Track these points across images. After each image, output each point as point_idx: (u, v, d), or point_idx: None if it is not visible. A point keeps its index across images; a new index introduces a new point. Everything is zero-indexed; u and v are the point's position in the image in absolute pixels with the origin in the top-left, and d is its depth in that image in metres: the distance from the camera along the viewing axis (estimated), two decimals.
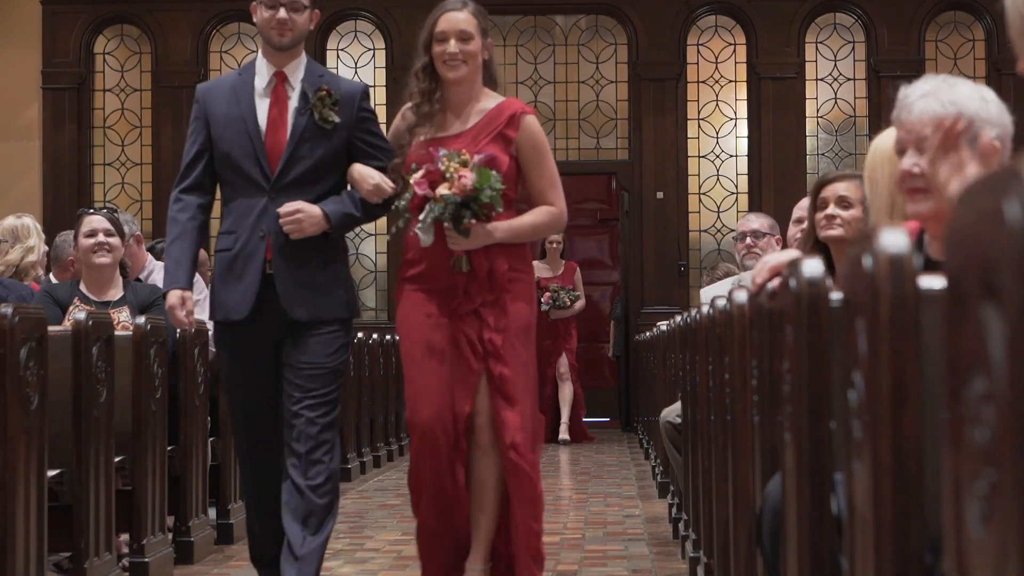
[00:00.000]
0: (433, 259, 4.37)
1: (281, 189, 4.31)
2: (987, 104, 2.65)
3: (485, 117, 4.43)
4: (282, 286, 4.30)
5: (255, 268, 4.30)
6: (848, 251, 1.83)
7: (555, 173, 4.50)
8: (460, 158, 4.25)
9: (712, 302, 3.84)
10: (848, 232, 3.87)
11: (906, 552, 1.60)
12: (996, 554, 1.09)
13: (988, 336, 1.10)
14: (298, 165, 4.33)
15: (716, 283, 6.47)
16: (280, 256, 4.30)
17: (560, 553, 5.73)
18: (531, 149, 4.44)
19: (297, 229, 4.27)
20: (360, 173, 4.36)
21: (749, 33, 13.56)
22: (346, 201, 4.37)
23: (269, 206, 4.31)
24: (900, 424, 1.60)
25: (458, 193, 4.19)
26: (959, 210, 1.17)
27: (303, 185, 4.32)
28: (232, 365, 4.43)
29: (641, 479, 8.91)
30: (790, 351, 2.25)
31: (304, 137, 4.33)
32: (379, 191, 4.33)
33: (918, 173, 2.66)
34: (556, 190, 4.48)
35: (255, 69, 4.45)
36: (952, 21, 13.57)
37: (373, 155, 4.41)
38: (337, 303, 4.38)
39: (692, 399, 4.89)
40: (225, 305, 4.36)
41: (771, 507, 2.55)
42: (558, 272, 12.41)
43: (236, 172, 4.36)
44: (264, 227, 4.31)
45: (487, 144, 4.37)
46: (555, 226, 4.53)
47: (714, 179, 13.66)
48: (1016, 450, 1.04)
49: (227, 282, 4.35)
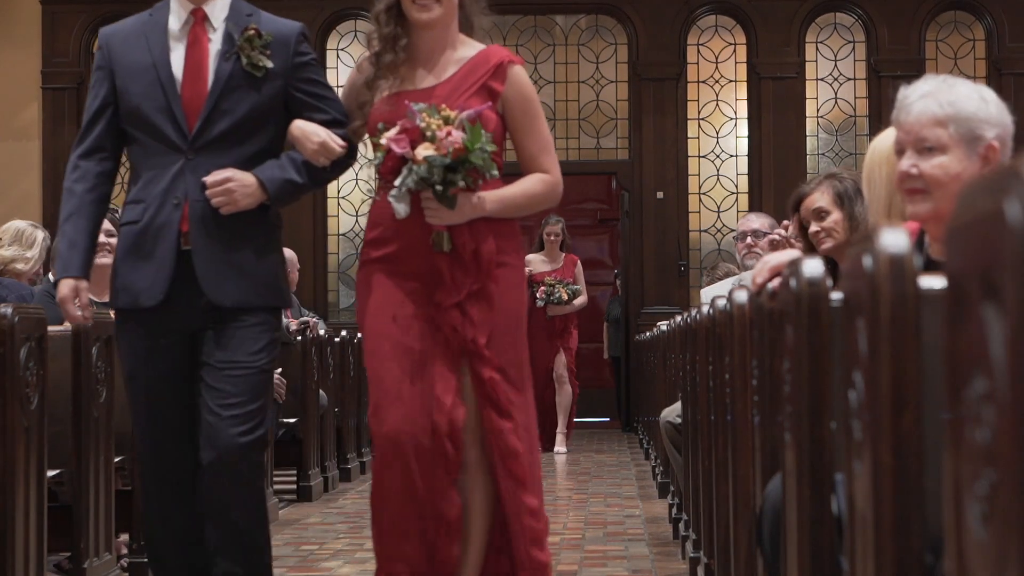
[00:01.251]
0: (408, 237, 3.67)
1: (201, 149, 3.62)
2: (986, 104, 2.65)
3: (464, 67, 3.72)
4: (202, 264, 3.61)
5: (168, 243, 3.60)
6: (848, 251, 1.83)
7: (548, 135, 3.84)
8: (441, 114, 3.55)
9: (712, 302, 3.84)
10: (838, 237, 4.00)
11: (906, 552, 1.60)
12: (997, 554, 1.09)
13: (988, 336, 1.10)
14: (222, 120, 3.63)
15: (716, 283, 6.47)
16: (199, 228, 3.60)
17: (560, 553, 5.73)
18: (520, 106, 3.75)
19: (228, 201, 3.58)
20: (302, 130, 3.64)
21: (749, 33, 13.56)
22: (286, 165, 3.67)
23: (186, 169, 3.61)
24: (900, 424, 1.60)
25: (446, 154, 3.52)
26: (959, 210, 1.17)
27: (228, 145, 3.63)
28: (136, 363, 3.69)
29: (641, 479, 8.91)
30: (790, 351, 2.25)
31: (229, 86, 3.63)
32: (326, 150, 3.62)
33: (916, 174, 2.67)
34: (550, 155, 3.82)
35: (169, 7, 3.73)
36: (952, 21, 13.57)
37: (317, 107, 3.70)
38: (268, 288, 3.69)
39: (692, 399, 4.89)
40: (132, 289, 3.65)
41: (771, 507, 2.55)
42: (557, 265, 11.38)
43: (146, 130, 3.65)
44: (179, 193, 3.60)
45: (468, 100, 3.67)
46: (551, 197, 3.82)
47: (714, 179, 13.66)
48: (1016, 450, 1.04)
49: (134, 262, 3.64)
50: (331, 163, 3.66)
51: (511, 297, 3.76)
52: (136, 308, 3.65)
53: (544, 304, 11.05)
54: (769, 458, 2.65)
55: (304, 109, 3.69)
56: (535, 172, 3.78)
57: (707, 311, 4.06)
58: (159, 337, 3.66)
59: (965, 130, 2.62)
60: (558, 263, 11.37)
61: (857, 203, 4.00)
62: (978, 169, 2.60)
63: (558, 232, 11.41)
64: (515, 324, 3.77)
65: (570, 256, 11.50)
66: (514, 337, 3.76)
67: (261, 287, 3.67)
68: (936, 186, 2.65)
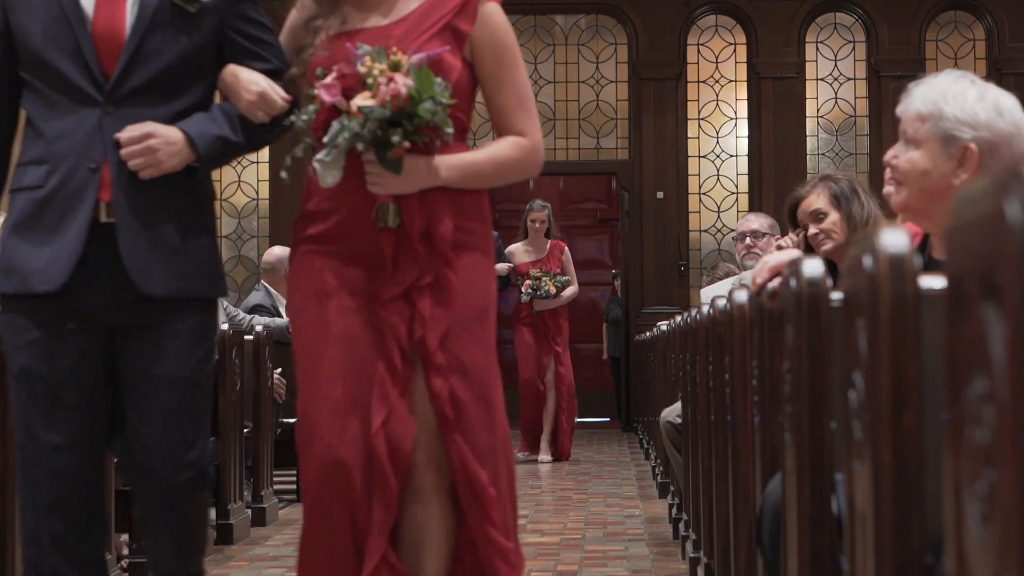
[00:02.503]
0: (347, 210, 2.98)
1: (122, 101, 2.92)
2: (979, 107, 2.63)
3: (425, 4, 3.04)
4: (127, 242, 2.90)
5: (81, 215, 2.89)
6: (848, 251, 1.83)
7: (527, 89, 3.13)
8: (391, 58, 2.89)
9: (712, 302, 3.84)
10: (837, 238, 4.01)
11: (906, 552, 1.60)
12: (997, 554, 1.09)
13: (988, 336, 1.10)
14: (146, 65, 2.93)
15: (716, 283, 6.48)
16: (125, 197, 2.90)
17: (560, 553, 5.73)
18: (493, 51, 3.07)
19: (150, 162, 2.89)
20: (236, 76, 2.98)
21: (749, 33, 13.56)
22: (219, 118, 2.97)
23: (104, 125, 2.91)
24: (900, 424, 1.60)
25: (385, 105, 2.83)
26: (959, 210, 1.17)
27: (157, 97, 2.95)
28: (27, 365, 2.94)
29: (641, 479, 8.91)
30: (790, 351, 2.25)
31: (155, 24, 2.94)
32: (266, 103, 2.95)
33: (894, 164, 2.71)
34: (528, 114, 3.08)
35: None
36: (952, 21, 13.57)
37: (256, 53, 3.02)
38: (205, 275, 3.01)
39: (692, 399, 4.89)
40: (23, 269, 2.91)
41: (771, 507, 2.55)
42: (542, 255, 10.16)
43: (50, 78, 2.95)
44: (96, 154, 2.90)
45: (427, 43, 2.98)
46: (526, 166, 3.08)
47: (714, 179, 13.66)
48: (1016, 450, 1.04)
49: (30, 236, 2.92)
50: (271, 120, 2.98)
51: (475, 288, 3.01)
52: (26, 294, 2.92)
53: (530, 299, 9.97)
54: (769, 458, 2.65)
55: (240, 55, 3.01)
56: (509, 134, 3.06)
57: (707, 311, 4.06)
58: (59, 335, 2.94)
59: (940, 129, 2.64)
60: (543, 253, 10.21)
61: (854, 203, 4.01)
62: (951, 170, 2.63)
63: (544, 219, 10.21)
64: (479, 321, 3.01)
65: (556, 243, 10.33)
66: (479, 337, 3.00)
67: (197, 273, 2.99)
68: (905, 179, 2.69)
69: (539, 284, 9.89)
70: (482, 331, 3.02)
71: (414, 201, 2.95)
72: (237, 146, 3.01)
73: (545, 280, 9.90)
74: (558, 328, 10.12)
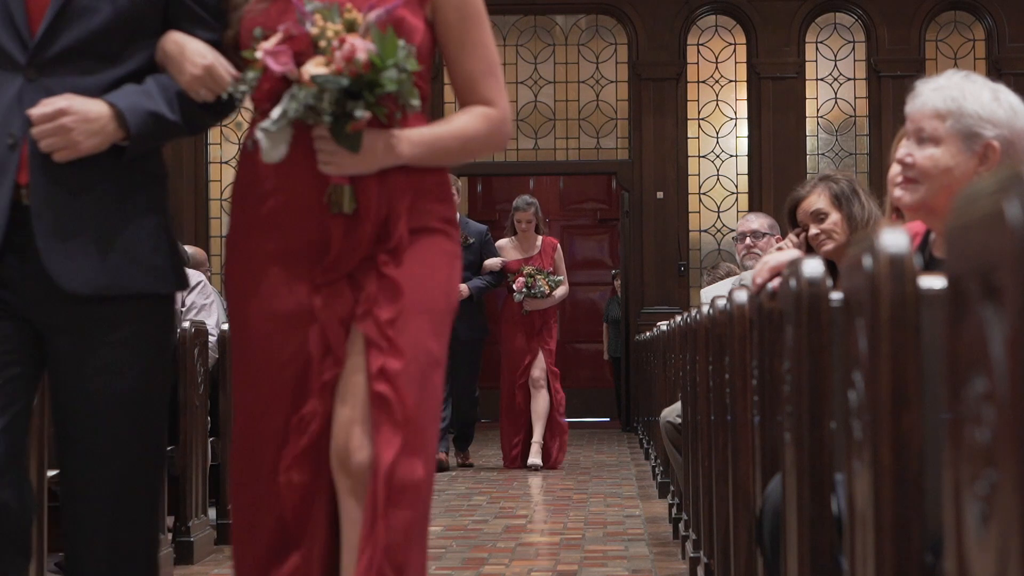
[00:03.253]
0: (294, 190, 2.57)
1: (48, 67, 2.49)
2: (997, 105, 2.64)
3: None
4: (45, 229, 2.47)
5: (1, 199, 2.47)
6: (848, 251, 1.83)
7: (494, 54, 2.71)
8: (344, 17, 2.48)
9: (712, 302, 3.84)
10: (838, 238, 4.03)
11: (906, 552, 1.60)
12: (997, 554, 1.09)
13: (988, 336, 1.10)
14: (76, 26, 2.50)
15: (716, 283, 6.48)
16: (45, 176, 2.47)
17: (560, 553, 5.73)
18: (458, 8, 2.64)
19: (64, 144, 2.45)
20: (180, 46, 2.53)
21: (749, 33, 13.56)
22: (153, 93, 2.51)
23: (25, 94, 2.48)
24: (900, 424, 1.60)
25: (342, 73, 2.43)
26: (959, 210, 1.17)
27: (88, 61, 2.51)
28: None
29: (641, 479, 8.91)
30: (790, 351, 2.25)
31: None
32: (212, 79, 2.50)
33: (911, 163, 2.69)
34: (496, 80, 2.69)
35: None
36: (952, 21, 13.57)
37: (201, 20, 2.58)
38: (144, 266, 2.54)
39: (692, 399, 4.89)
40: None
41: (771, 507, 2.56)
42: (533, 252, 9.57)
43: None
44: (15, 129, 2.47)
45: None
46: (494, 139, 2.70)
47: (714, 179, 13.66)
48: (1016, 450, 1.04)
49: None
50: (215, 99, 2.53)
51: (432, 276, 2.60)
52: None
53: (522, 299, 9.39)
54: (769, 458, 2.65)
55: (183, 21, 2.57)
56: (475, 103, 2.68)
57: (707, 311, 4.06)
58: None
59: (963, 126, 2.63)
60: (534, 250, 9.59)
61: (855, 204, 4.02)
62: (974, 167, 2.61)
63: (530, 218, 9.56)
64: (434, 310, 2.59)
65: (548, 240, 9.76)
66: (431, 328, 2.57)
67: (132, 265, 2.53)
68: (925, 177, 2.66)
69: (533, 282, 9.35)
70: (439, 324, 2.60)
71: (371, 184, 2.55)
72: (173, 126, 2.54)
73: (539, 278, 9.37)
74: (548, 329, 9.62)
